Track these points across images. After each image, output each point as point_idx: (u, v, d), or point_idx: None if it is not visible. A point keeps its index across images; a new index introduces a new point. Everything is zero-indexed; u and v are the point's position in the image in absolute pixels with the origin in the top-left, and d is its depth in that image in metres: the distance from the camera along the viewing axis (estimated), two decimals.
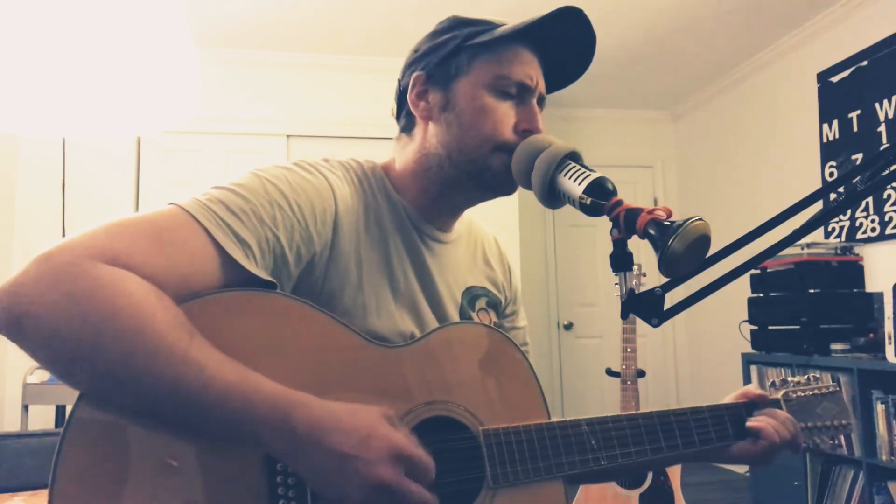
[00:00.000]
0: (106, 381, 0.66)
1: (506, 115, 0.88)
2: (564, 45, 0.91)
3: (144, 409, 0.68)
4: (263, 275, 0.76)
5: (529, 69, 0.89)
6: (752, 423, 0.98)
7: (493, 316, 1.03)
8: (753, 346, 3.44)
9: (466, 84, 0.89)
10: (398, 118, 0.97)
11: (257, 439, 0.68)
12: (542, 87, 0.92)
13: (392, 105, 0.98)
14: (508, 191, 0.91)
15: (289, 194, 0.79)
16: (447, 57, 0.90)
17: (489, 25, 0.90)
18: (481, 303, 1.01)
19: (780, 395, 1.05)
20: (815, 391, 1.06)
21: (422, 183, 0.92)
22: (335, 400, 0.72)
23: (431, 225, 0.94)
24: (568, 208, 0.82)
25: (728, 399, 1.04)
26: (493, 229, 1.13)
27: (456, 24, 0.92)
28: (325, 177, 0.85)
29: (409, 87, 0.92)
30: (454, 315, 0.96)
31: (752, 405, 1.02)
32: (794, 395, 1.05)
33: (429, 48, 0.92)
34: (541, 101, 0.92)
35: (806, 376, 1.08)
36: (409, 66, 0.94)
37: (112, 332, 0.64)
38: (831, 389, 1.07)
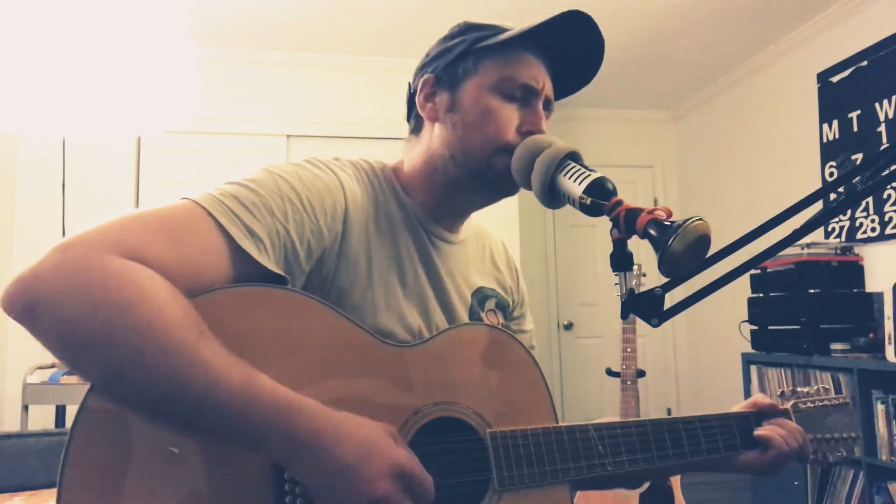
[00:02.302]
0: (113, 373, 0.67)
1: (509, 117, 0.89)
2: (572, 50, 0.92)
3: (150, 403, 0.68)
4: (274, 268, 0.76)
5: (535, 72, 0.90)
6: (760, 432, 0.98)
7: (500, 318, 1.03)
8: (753, 346, 3.44)
9: (472, 86, 0.90)
10: (408, 120, 0.99)
11: (258, 443, 0.69)
12: (548, 90, 0.92)
13: (403, 108, 0.99)
14: (511, 191, 0.92)
15: (300, 190, 0.80)
16: (455, 60, 0.92)
17: (498, 30, 0.91)
18: (490, 304, 1.01)
19: (789, 405, 1.04)
20: (826, 402, 1.05)
21: (428, 183, 0.93)
22: (344, 398, 0.73)
23: (439, 225, 0.95)
24: (568, 208, 0.82)
25: (737, 408, 1.03)
26: (493, 229, 1.13)
27: (466, 28, 0.94)
28: (335, 174, 0.86)
29: (419, 89, 0.94)
30: (462, 313, 0.96)
31: (762, 415, 1.02)
32: (805, 406, 1.04)
33: (439, 52, 0.94)
34: (547, 105, 0.93)
35: (816, 387, 1.07)
36: (420, 70, 0.96)
37: (122, 325, 0.64)
38: (841, 401, 1.06)
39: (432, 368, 0.84)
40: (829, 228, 3.56)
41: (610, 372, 2.73)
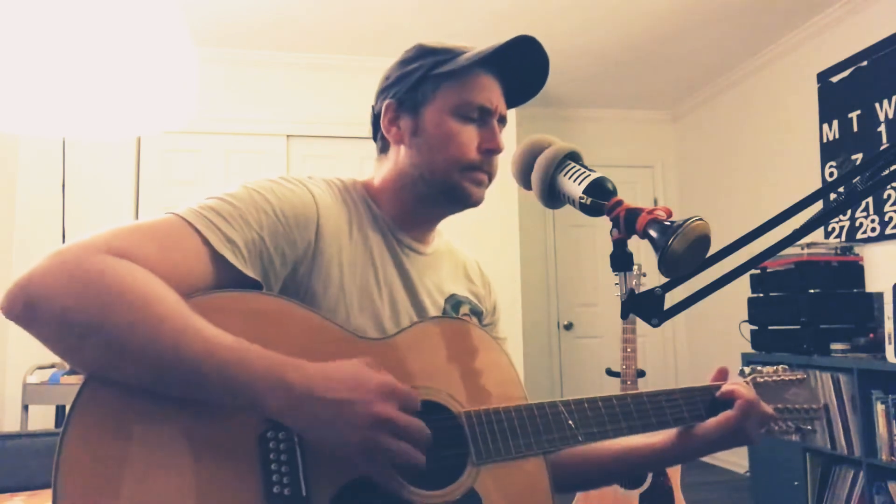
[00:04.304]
0: (114, 353, 0.71)
1: (469, 137, 0.96)
2: (522, 68, 0.99)
3: (149, 377, 0.72)
4: (251, 273, 0.83)
5: (490, 93, 0.97)
6: (723, 388, 1.04)
7: (475, 322, 1.07)
8: (753, 346, 3.44)
9: (432, 111, 0.97)
10: (374, 139, 1.05)
11: (254, 399, 0.73)
12: (501, 108, 1.00)
13: (369, 128, 1.06)
14: (475, 203, 0.99)
15: (274, 202, 0.86)
16: (414, 85, 0.98)
17: (452, 53, 0.98)
18: (464, 309, 1.06)
19: (748, 379, 1.09)
20: (782, 378, 1.10)
21: (398, 198, 1.00)
22: None
23: (409, 236, 1.01)
24: (568, 208, 0.83)
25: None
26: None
27: (422, 53, 1.00)
28: (308, 188, 0.92)
29: (382, 113, 1.01)
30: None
31: (720, 388, 1.06)
32: (762, 380, 1.09)
33: (397, 77, 1.00)
34: (501, 120, 1.00)
35: (774, 368, 1.12)
36: (381, 93, 1.03)
37: (120, 305, 0.70)
38: (798, 377, 1.11)
39: (405, 357, 0.89)
40: (829, 228, 3.56)
41: (610, 372, 2.73)
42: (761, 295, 3.38)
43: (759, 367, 1.11)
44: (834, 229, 3.53)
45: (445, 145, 0.96)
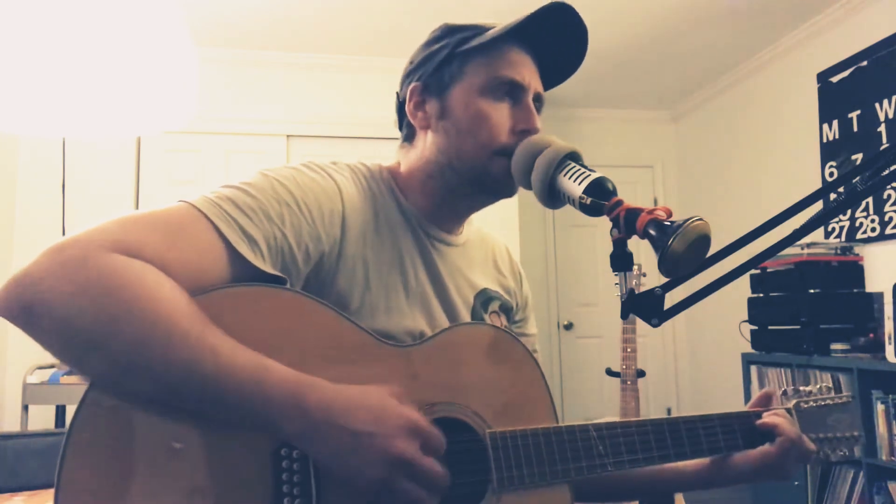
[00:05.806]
0: (120, 367, 0.66)
1: (501, 117, 0.89)
2: (557, 41, 0.91)
3: (157, 395, 0.68)
4: (271, 270, 0.77)
5: (521, 68, 0.90)
6: (765, 419, 0.98)
7: (504, 320, 1.03)
8: (753, 346, 3.44)
9: (460, 90, 0.90)
10: (400, 128, 0.98)
11: (271, 423, 0.69)
12: (536, 85, 0.92)
13: (394, 117, 0.99)
14: (509, 193, 0.92)
15: (297, 194, 0.80)
16: (440, 65, 0.91)
17: (479, 29, 0.91)
18: (494, 306, 1.01)
19: (791, 404, 1.03)
20: (828, 401, 1.04)
21: (426, 189, 0.93)
22: None
23: (439, 228, 0.95)
24: (568, 208, 0.82)
25: (748, 406, 1.03)
26: (493, 229, 1.13)
27: (447, 31, 0.93)
28: (332, 178, 0.85)
29: (407, 98, 0.94)
30: (465, 315, 0.95)
31: (760, 415, 1.01)
32: (807, 405, 1.03)
33: (422, 59, 0.94)
34: (538, 99, 0.92)
35: (818, 386, 1.06)
36: (406, 78, 0.96)
37: (126, 318, 0.65)
38: (844, 400, 1.04)
39: (431, 368, 0.83)
40: (829, 228, 3.56)
41: (610, 372, 2.72)
42: (761, 295, 3.38)
43: (802, 388, 1.05)
44: (834, 229, 3.53)
45: (475, 127, 0.88)
